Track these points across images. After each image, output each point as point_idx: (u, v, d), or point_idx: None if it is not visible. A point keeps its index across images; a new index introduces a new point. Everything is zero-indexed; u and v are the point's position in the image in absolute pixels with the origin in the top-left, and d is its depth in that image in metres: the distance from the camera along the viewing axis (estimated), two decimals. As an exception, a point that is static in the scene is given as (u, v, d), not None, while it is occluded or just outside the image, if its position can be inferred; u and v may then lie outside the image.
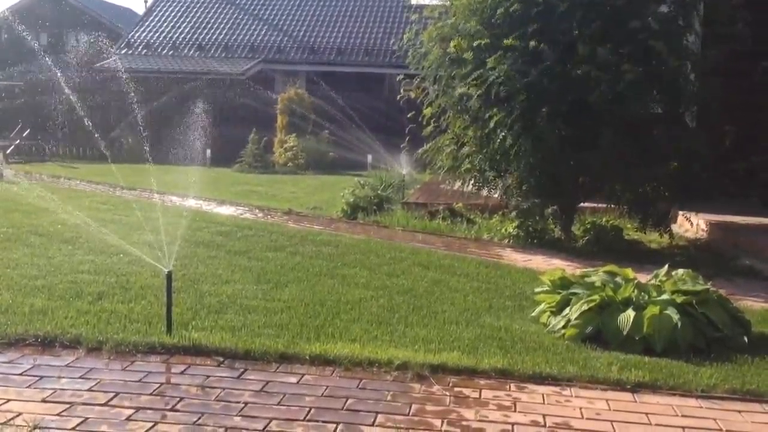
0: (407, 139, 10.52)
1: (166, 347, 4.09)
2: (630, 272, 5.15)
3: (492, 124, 7.57)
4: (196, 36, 25.79)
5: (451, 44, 7.86)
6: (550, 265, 6.76)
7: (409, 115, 9.55)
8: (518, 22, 7.50)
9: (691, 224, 8.78)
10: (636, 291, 4.78)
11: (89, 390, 3.55)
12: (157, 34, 26.02)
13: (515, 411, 3.49)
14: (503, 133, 7.53)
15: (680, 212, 8.96)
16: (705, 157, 7.70)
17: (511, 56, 7.41)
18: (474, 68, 7.65)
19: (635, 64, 7.25)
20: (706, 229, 8.51)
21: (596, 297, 4.67)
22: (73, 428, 3.13)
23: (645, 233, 8.25)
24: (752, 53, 8.74)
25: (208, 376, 3.77)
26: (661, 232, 8.06)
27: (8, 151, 19.57)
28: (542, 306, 5.02)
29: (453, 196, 9.98)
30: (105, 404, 3.39)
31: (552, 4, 7.41)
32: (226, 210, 10.19)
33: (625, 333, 4.40)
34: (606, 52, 7.18)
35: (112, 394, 3.50)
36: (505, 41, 7.40)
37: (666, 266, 5.22)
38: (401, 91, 9.98)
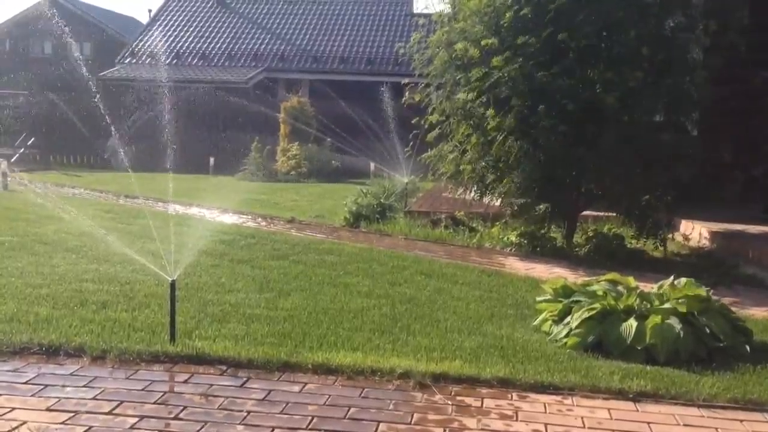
0: (410, 145, 10.54)
1: (170, 356, 4.11)
2: (632, 281, 5.15)
3: (493, 124, 7.60)
4: (199, 45, 25.92)
5: (457, 46, 7.89)
6: (552, 274, 6.77)
7: (413, 121, 9.60)
8: (526, 27, 7.54)
9: (693, 232, 8.79)
10: (638, 300, 4.79)
11: (93, 398, 3.57)
12: (160, 44, 26.14)
13: (517, 420, 3.50)
14: (502, 137, 7.58)
15: (682, 220, 8.96)
16: (705, 164, 7.72)
17: (518, 58, 7.45)
18: (480, 70, 7.67)
19: (643, 72, 7.30)
20: (708, 237, 8.52)
21: (597, 305, 4.68)
22: (78, 437, 3.15)
23: (643, 242, 8.24)
24: (756, 61, 8.77)
25: (212, 385, 3.79)
26: (658, 242, 8.06)
27: (12, 160, 19.64)
28: (544, 315, 5.03)
29: (455, 205, 10.01)
30: (109, 413, 3.41)
31: (563, 11, 7.43)
32: (229, 218, 10.22)
33: (627, 342, 4.41)
34: (618, 60, 7.23)
35: (116, 403, 3.52)
36: (518, 39, 7.42)
37: (671, 277, 5.22)
38: (405, 95, 10.01)
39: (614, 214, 8.54)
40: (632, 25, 7.47)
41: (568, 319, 4.74)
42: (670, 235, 8.43)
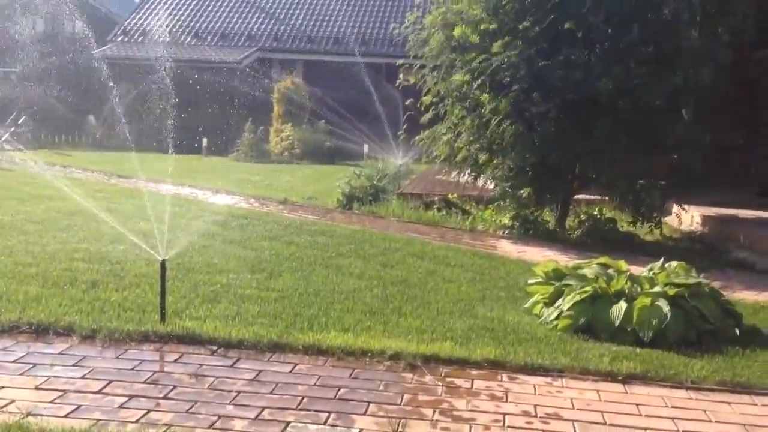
0: (404, 127, 10.48)
1: (160, 336, 4.10)
2: (623, 264, 5.16)
3: (489, 108, 7.58)
4: (193, 24, 25.66)
5: (455, 31, 7.82)
6: (544, 257, 6.78)
7: (407, 102, 9.53)
8: (527, 12, 7.47)
9: (685, 217, 8.80)
10: (628, 283, 4.80)
11: (82, 378, 3.55)
12: (153, 22, 25.88)
13: (506, 401, 3.51)
14: (497, 120, 7.55)
15: (675, 204, 8.98)
16: (702, 148, 7.71)
17: (518, 42, 7.39)
18: (479, 54, 7.62)
19: (644, 56, 7.27)
20: (700, 221, 8.54)
21: (589, 288, 4.69)
22: (66, 415, 3.14)
23: (637, 226, 8.26)
24: (756, 42, 8.71)
25: (202, 365, 3.79)
26: (653, 227, 8.07)
27: (3, 139, 19.48)
28: (535, 297, 5.04)
29: (448, 187, 10.00)
30: (98, 392, 3.40)
31: None
32: (222, 199, 10.18)
33: (616, 324, 4.43)
34: (618, 45, 7.20)
35: (105, 382, 3.51)
36: (520, 24, 7.37)
37: (661, 260, 5.23)
38: (400, 77, 9.94)
39: (607, 198, 8.54)
40: (637, 15, 7.41)
41: (559, 301, 4.75)
42: (665, 219, 8.44)
